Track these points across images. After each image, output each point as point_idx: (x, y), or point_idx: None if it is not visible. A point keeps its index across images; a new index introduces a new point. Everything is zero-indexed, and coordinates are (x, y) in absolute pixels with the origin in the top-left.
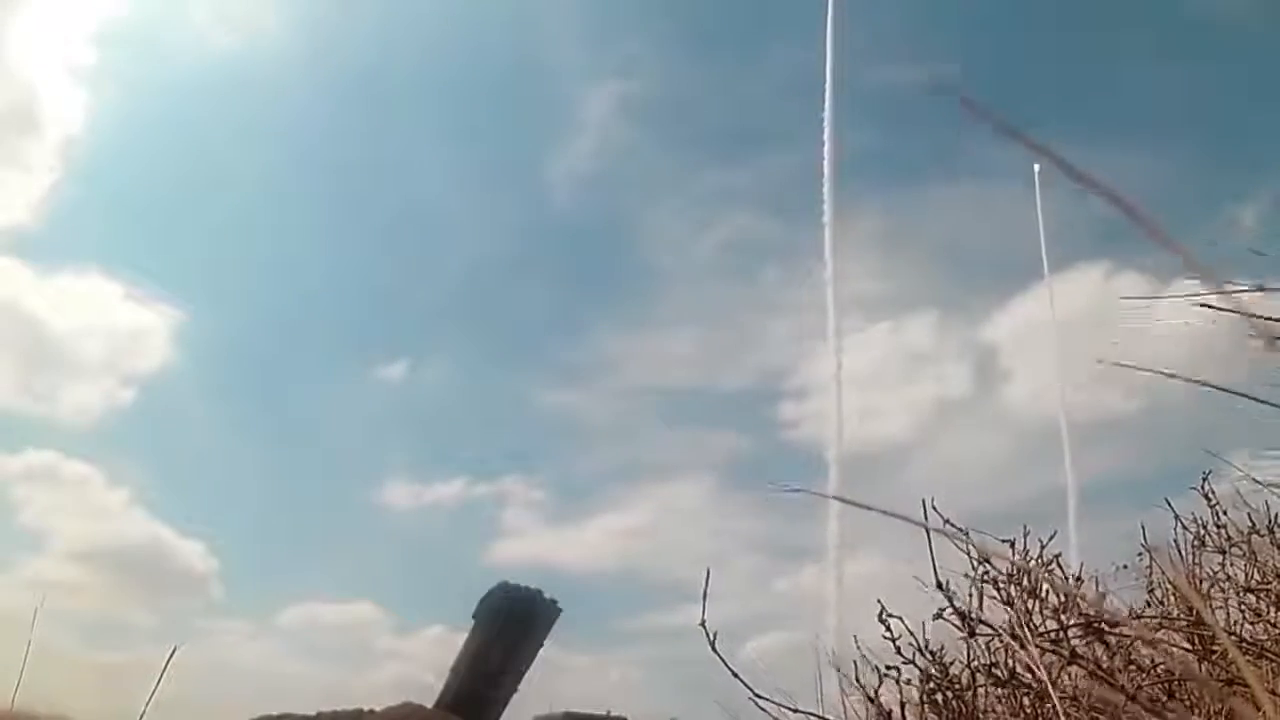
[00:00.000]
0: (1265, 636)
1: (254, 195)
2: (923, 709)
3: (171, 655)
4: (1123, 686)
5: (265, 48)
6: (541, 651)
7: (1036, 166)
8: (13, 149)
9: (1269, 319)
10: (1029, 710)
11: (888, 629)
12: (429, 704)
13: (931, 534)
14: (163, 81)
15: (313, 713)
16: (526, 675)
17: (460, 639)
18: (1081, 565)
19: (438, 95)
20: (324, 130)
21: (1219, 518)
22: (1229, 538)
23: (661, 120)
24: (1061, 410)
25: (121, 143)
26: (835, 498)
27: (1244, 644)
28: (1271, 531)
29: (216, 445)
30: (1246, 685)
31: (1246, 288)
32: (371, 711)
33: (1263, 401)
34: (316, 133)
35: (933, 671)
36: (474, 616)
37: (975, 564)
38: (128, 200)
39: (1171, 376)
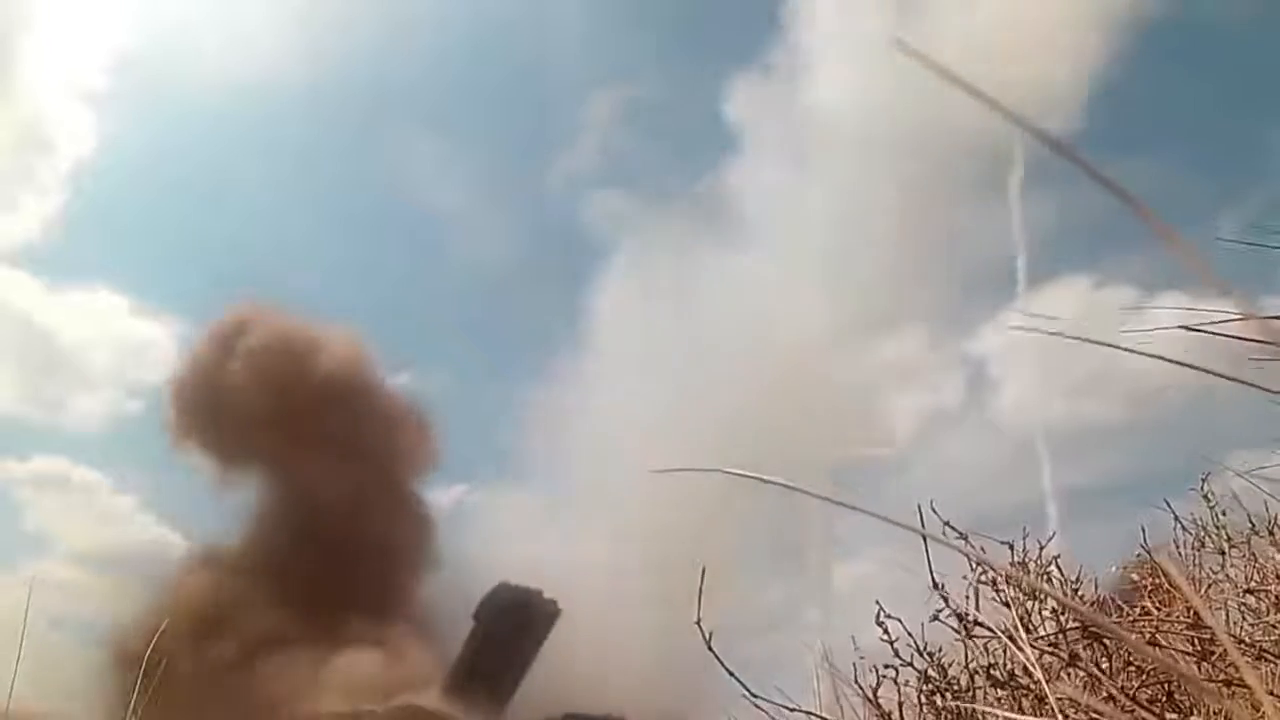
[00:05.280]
0: (1265, 638)
1: (258, 209)
2: (921, 710)
3: (164, 663)
4: (1122, 688)
5: (270, 66)
6: (541, 652)
7: (1016, 179)
8: (26, 169)
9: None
10: (1028, 712)
11: (885, 631)
12: (429, 704)
13: (927, 537)
14: (171, 105)
15: None
16: (526, 675)
17: (460, 640)
18: (1080, 567)
19: (440, 104)
20: (327, 144)
21: (1218, 519)
22: (1228, 539)
23: (662, 124)
24: (1040, 420)
25: (130, 164)
26: (824, 498)
27: (1244, 645)
28: (1271, 533)
29: None
30: (1246, 687)
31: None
32: (371, 712)
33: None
34: (320, 146)
35: (931, 673)
36: (474, 617)
37: (973, 566)
38: (135, 218)
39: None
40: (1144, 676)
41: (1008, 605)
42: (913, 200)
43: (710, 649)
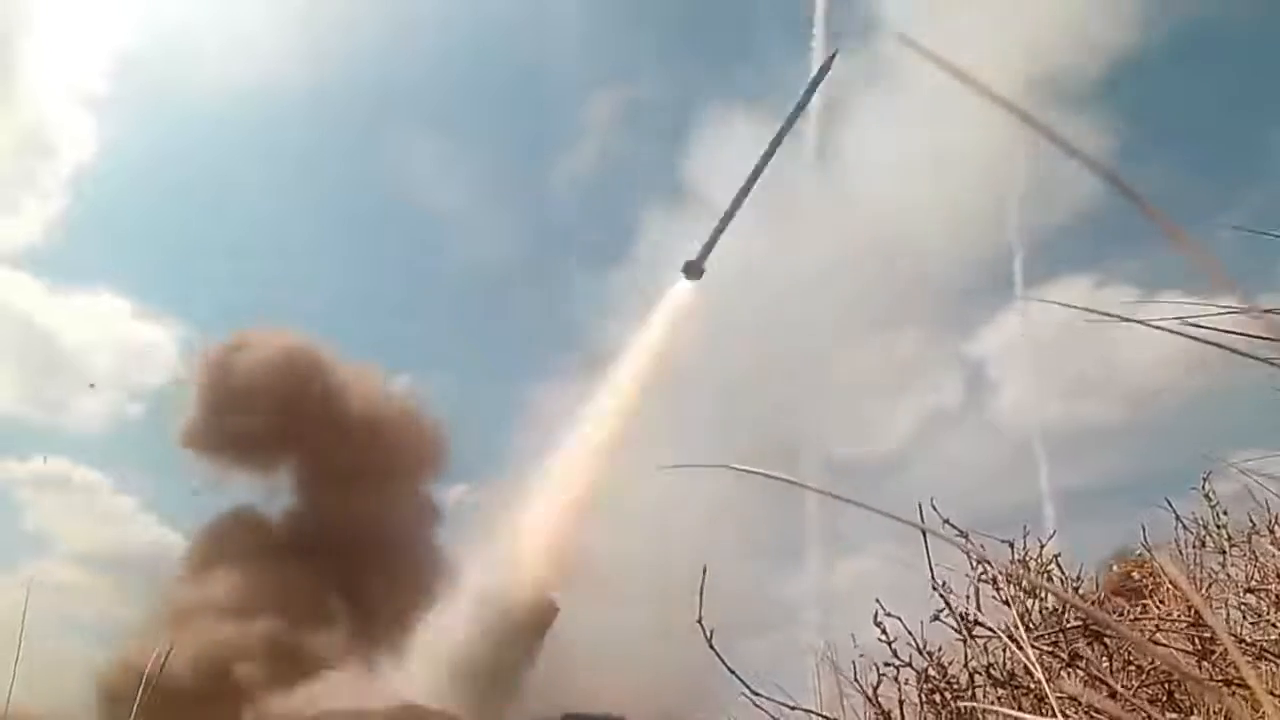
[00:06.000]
0: (1265, 638)
1: (259, 212)
2: (921, 709)
3: (168, 656)
4: (1122, 687)
5: (271, 69)
6: (540, 651)
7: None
8: (28, 173)
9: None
10: (1028, 711)
11: (883, 631)
12: (429, 703)
13: (927, 535)
14: (172, 109)
15: None
16: (526, 675)
17: (460, 639)
18: (1081, 566)
19: (440, 106)
20: (328, 146)
21: (1219, 518)
22: (1229, 538)
23: (662, 126)
24: (1038, 421)
25: (131, 167)
26: (829, 494)
27: (1244, 645)
28: (1272, 532)
29: None
30: (1247, 686)
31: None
32: (372, 711)
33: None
34: (320, 148)
35: (931, 672)
36: (474, 616)
37: (973, 564)
38: (137, 222)
39: None
40: (1144, 676)
41: (1008, 604)
42: (913, 198)
43: (712, 647)
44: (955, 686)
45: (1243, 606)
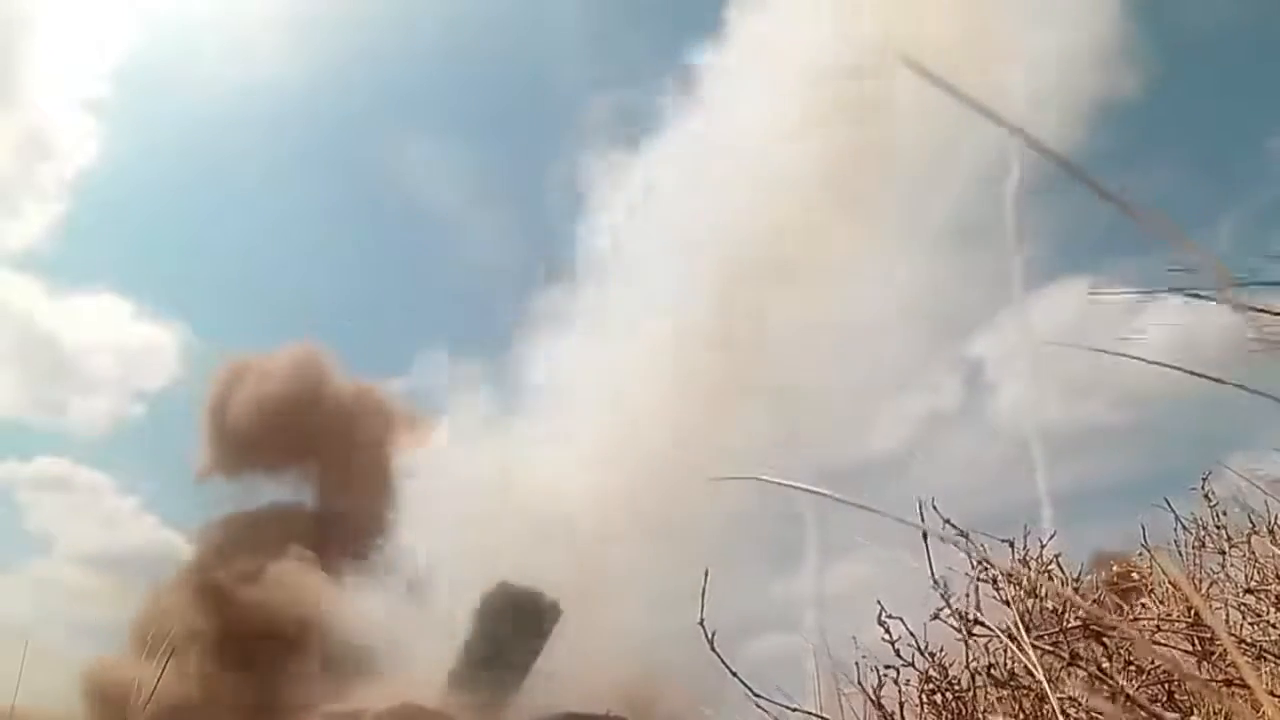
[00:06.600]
0: (1265, 638)
1: (260, 215)
2: (922, 709)
3: (169, 659)
4: (1122, 687)
5: (270, 70)
6: (541, 651)
7: (1013, 181)
8: (29, 176)
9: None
10: (1029, 711)
11: (886, 631)
12: (428, 704)
13: (927, 535)
14: (172, 110)
15: None
16: (527, 675)
17: (460, 639)
18: (1081, 567)
19: (441, 111)
20: (328, 149)
21: (1218, 518)
22: (1229, 538)
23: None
24: (1036, 422)
25: (132, 169)
26: (853, 503)
27: (1244, 645)
28: (1271, 533)
29: None
30: (1247, 686)
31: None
32: (372, 711)
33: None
34: (321, 151)
35: (932, 672)
36: (475, 616)
37: (973, 564)
38: (138, 223)
39: None
40: (1144, 676)
41: (1008, 604)
42: (911, 198)
43: (713, 648)
44: (956, 687)
45: (1242, 607)
